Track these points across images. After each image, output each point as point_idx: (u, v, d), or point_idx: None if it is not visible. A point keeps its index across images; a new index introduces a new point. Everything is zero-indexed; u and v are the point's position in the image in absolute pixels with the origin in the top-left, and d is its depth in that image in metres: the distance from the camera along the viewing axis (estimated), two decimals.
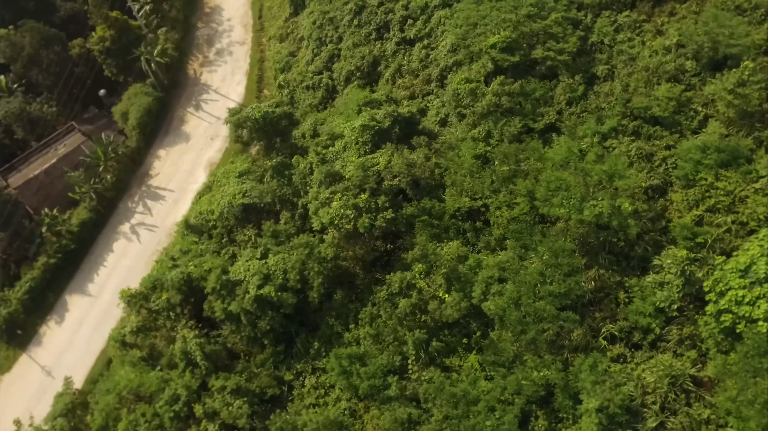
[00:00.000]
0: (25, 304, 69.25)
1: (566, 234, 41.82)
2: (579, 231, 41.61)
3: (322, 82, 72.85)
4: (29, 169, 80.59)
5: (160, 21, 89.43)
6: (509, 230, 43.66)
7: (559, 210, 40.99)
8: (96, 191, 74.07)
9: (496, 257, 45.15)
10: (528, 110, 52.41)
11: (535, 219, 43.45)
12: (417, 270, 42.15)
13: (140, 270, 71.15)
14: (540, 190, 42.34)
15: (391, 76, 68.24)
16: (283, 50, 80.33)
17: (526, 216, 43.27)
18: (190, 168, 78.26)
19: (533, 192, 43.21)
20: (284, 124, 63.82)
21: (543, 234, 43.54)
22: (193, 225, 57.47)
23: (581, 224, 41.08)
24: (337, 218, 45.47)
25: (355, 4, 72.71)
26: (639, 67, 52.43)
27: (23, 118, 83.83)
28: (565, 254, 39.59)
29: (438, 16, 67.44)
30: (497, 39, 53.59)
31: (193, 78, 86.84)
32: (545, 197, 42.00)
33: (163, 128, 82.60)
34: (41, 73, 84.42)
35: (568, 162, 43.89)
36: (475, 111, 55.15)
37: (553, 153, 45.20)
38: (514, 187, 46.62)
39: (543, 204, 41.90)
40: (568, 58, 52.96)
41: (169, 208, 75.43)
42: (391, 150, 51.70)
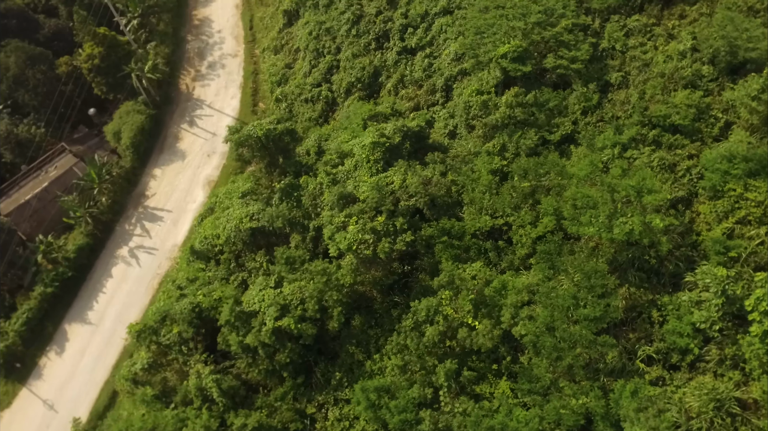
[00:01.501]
0: (23, 336, 66.63)
1: (597, 254, 40.30)
2: (610, 251, 40.09)
3: (322, 94, 70.93)
4: (20, 193, 77.79)
5: (149, 35, 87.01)
6: (537, 251, 42.02)
7: (588, 229, 39.43)
8: (91, 215, 71.56)
9: (519, 277, 43.57)
10: (542, 121, 50.88)
11: (562, 239, 41.83)
12: (444, 297, 40.41)
13: (141, 295, 68.98)
14: (566, 208, 40.76)
15: (394, 86, 66.50)
16: (278, 62, 78.24)
17: (553, 236, 41.66)
18: (188, 186, 75.98)
19: (559, 210, 41.62)
20: (287, 140, 61.76)
21: (571, 253, 42.01)
22: (198, 250, 55.31)
23: (612, 243, 39.58)
24: (355, 243, 43.61)
25: (352, 13, 70.85)
26: (654, 73, 51.02)
27: (11, 141, 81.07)
28: (597, 275, 38.04)
29: (439, 24, 65.77)
30: (508, 48, 51.94)
31: (185, 93, 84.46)
32: (572, 215, 40.43)
33: (157, 146, 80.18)
34: (28, 93, 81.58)
35: (592, 177, 42.33)
36: (486, 122, 53.58)
37: (576, 169, 43.59)
38: (536, 204, 45.05)
39: (571, 223, 40.32)
40: (581, 67, 51.45)
41: (168, 229, 73.14)
42: (404, 167, 49.93)
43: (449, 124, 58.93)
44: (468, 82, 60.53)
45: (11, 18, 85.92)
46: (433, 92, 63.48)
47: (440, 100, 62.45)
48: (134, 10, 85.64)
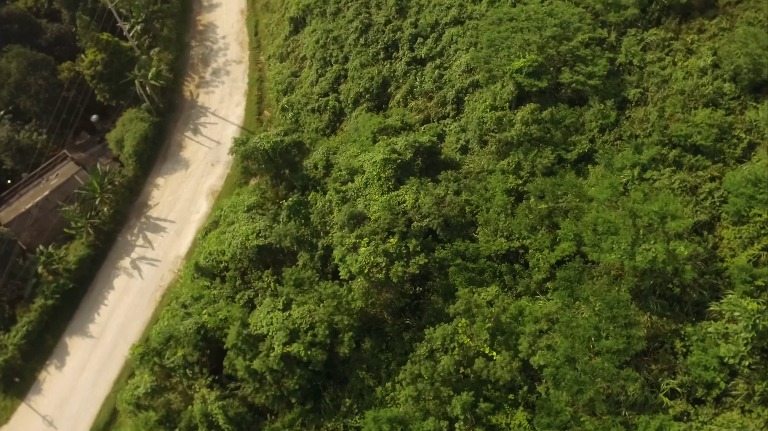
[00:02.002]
0: (23, 350, 64.90)
1: (619, 283, 38.72)
2: (633, 279, 38.48)
3: (329, 104, 69.22)
4: (20, 202, 76.04)
5: (152, 41, 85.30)
6: (556, 277, 40.41)
7: (609, 256, 37.84)
8: (93, 226, 69.87)
9: (536, 302, 41.98)
10: (558, 139, 49.25)
11: (582, 266, 40.21)
12: (461, 326, 38.77)
13: (143, 308, 67.33)
14: (587, 233, 39.16)
15: (403, 97, 64.80)
16: (284, 70, 76.50)
17: (573, 263, 40.04)
18: (191, 197, 74.28)
19: (579, 235, 40.02)
20: (294, 153, 60.15)
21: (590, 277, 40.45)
22: (203, 267, 53.65)
23: (634, 270, 38.00)
24: (367, 266, 41.99)
25: (360, 22, 69.14)
26: (673, 90, 49.40)
27: (12, 148, 79.30)
28: (620, 305, 36.45)
29: (449, 34, 64.12)
30: (523, 63, 50.33)
31: (189, 100, 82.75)
32: (593, 242, 38.84)
33: (160, 154, 78.48)
34: (29, 99, 79.81)
35: (612, 200, 40.73)
36: (499, 138, 51.97)
37: (596, 191, 41.96)
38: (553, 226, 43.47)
39: (592, 249, 38.72)
40: (598, 83, 49.81)
41: (171, 240, 71.45)
42: (416, 185, 48.31)
43: (461, 138, 57.28)
44: (480, 94, 58.93)
45: (13, 23, 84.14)
46: (443, 104, 61.82)
47: (451, 113, 60.79)
48: (138, 15, 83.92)
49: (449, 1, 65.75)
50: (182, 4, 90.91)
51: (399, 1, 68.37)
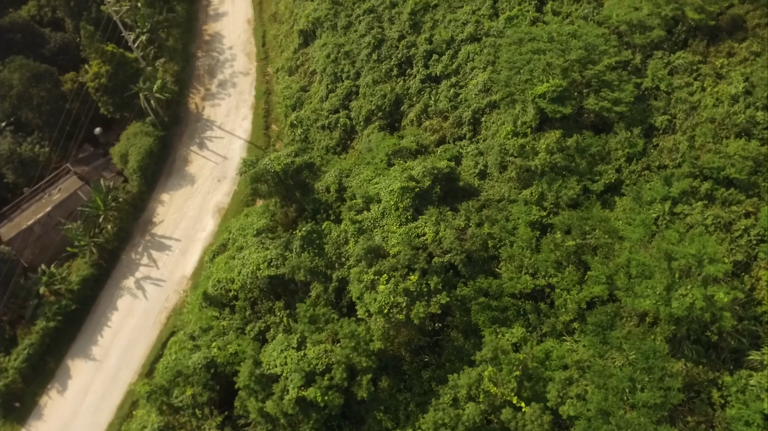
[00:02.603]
0: (23, 373, 62.72)
1: (655, 331, 36.56)
2: (669, 328, 36.29)
3: (340, 121, 66.92)
4: (22, 217, 73.74)
5: (158, 51, 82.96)
6: (587, 323, 38.22)
7: (644, 302, 35.66)
8: (96, 244, 67.61)
9: (563, 345, 39.80)
10: (583, 168, 46.99)
11: (615, 311, 38.02)
12: (487, 374, 36.59)
13: (148, 330, 65.15)
14: (620, 277, 36.98)
15: (417, 116, 62.52)
16: (293, 84, 74.17)
17: (605, 308, 37.85)
18: (197, 214, 72.00)
19: (611, 277, 37.85)
20: (305, 175, 57.94)
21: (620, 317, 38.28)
22: (211, 296, 51.42)
23: (670, 318, 35.82)
24: (387, 306, 39.79)
25: (373, 37, 66.81)
26: (703, 118, 47.13)
27: (13, 160, 76.99)
28: (656, 356, 34.30)
29: (465, 51, 61.82)
30: (546, 88, 48.04)
31: (195, 113, 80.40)
32: (626, 286, 36.67)
33: (165, 169, 76.15)
34: (32, 111, 77.50)
35: (647, 240, 38.54)
36: (520, 165, 49.79)
37: (629, 231, 39.73)
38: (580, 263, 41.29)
39: (625, 294, 36.53)
40: (625, 110, 47.56)
41: (176, 259, 69.20)
42: (435, 215, 46.06)
43: (479, 162, 55.01)
44: (497, 115, 56.66)
45: (16, 32, 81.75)
46: (459, 125, 59.58)
47: (467, 134, 58.53)
48: (143, 25, 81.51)
49: (465, 17, 63.47)
50: (188, 13, 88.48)
51: (413, 16, 66.08)
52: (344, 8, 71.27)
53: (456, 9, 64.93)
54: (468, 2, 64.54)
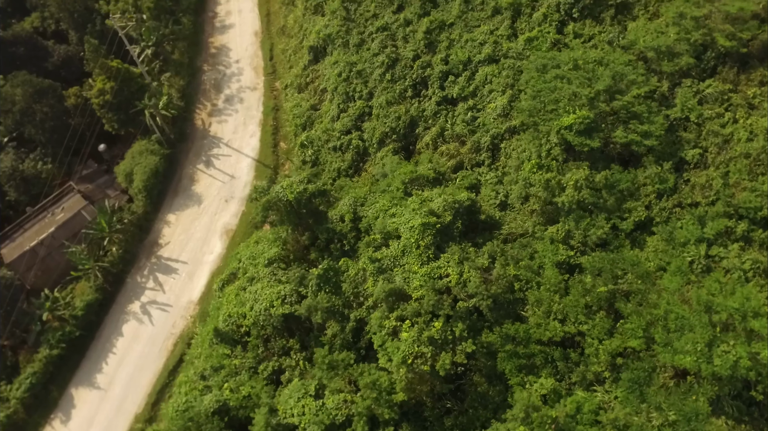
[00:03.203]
0: (26, 403, 60.64)
1: (697, 391, 34.49)
2: (712, 388, 34.22)
3: (352, 143, 64.66)
4: (24, 238, 71.55)
5: (163, 65, 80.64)
6: (622, 378, 36.13)
7: (684, 358, 33.60)
8: (101, 269, 65.43)
9: (595, 397, 37.74)
10: (612, 205, 44.83)
11: (651, 367, 35.92)
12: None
13: (154, 357, 63.06)
14: (657, 331, 34.93)
15: (432, 140, 60.27)
16: (303, 102, 71.88)
17: (641, 364, 35.74)
18: (204, 235, 69.84)
19: (647, 329, 35.78)
20: (318, 202, 55.85)
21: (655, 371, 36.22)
22: (222, 332, 49.27)
23: (713, 377, 33.75)
24: (411, 356, 37.73)
25: (387, 56, 64.48)
26: (737, 153, 44.96)
27: (16, 178, 74.78)
28: (699, 419, 32.28)
29: (483, 73, 59.56)
30: (573, 119, 45.87)
31: (201, 129, 78.15)
32: (665, 340, 34.60)
33: (171, 188, 73.91)
34: (35, 127, 75.25)
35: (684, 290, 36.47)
36: (543, 198, 47.68)
37: (666, 280, 37.62)
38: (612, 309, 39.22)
39: (664, 350, 34.47)
40: (655, 143, 45.38)
41: (183, 283, 67.06)
42: (458, 253, 43.87)
43: (499, 192, 52.87)
44: (518, 143, 54.46)
45: (19, 45, 79.35)
46: (477, 150, 57.38)
47: (486, 161, 56.34)
48: (148, 38, 79.14)
49: (482, 37, 61.17)
50: (194, 25, 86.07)
51: (428, 35, 63.77)
52: (356, 25, 68.94)
53: (473, 28, 62.64)
54: (485, 21, 62.27)
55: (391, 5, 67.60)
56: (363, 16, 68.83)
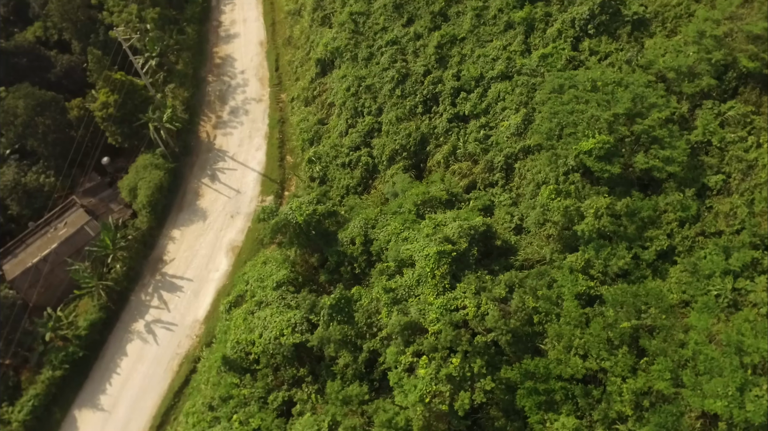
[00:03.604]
0: (28, 426, 59.25)
1: None
2: None
3: (361, 160, 63.18)
4: (27, 253, 70.03)
5: (167, 76, 79.12)
6: (650, 422, 34.72)
7: (715, 403, 32.23)
8: (105, 288, 64.01)
9: None
10: (632, 233, 43.36)
11: (680, 410, 34.50)
12: None
13: (159, 378, 61.65)
14: (686, 374, 33.52)
15: (444, 158, 58.88)
16: (310, 117, 70.40)
17: (669, 407, 34.33)
18: (210, 252, 68.37)
19: (675, 371, 34.38)
20: (328, 224, 54.45)
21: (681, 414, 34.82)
22: (231, 360, 47.87)
23: (745, 423, 32.37)
24: (428, 395, 36.35)
25: (397, 71, 62.96)
26: (762, 179, 43.42)
27: (18, 191, 73.25)
28: None
29: (496, 90, 58.11)
30: (593, 144, 44.42)
31: (206, 142, 76.64)
32: (694, 383, 33.21)
33: (176, 203, 72.41)
34: (37, 140, 73.76)
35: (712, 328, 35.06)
36: (559, 223, 46.22)
37: (693, 318, 36.18)
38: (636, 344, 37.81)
39: (693, 393, 33.06)
40: (678, 170, 43.92)
41: (189, 301, 65.61)
42: (475, 284, 42.41)
43: (514, 215, 51.48)
44: (532, 163, 53.07)
45: (21, 56, 77.80)
46: (490, 170, 55.96)
47: (500, 181, 54.95)
48: (152, 49, 77.63)
49: (495, 53, 59.68)
50: (198, 35, 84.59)
51: (439, 50, 62.25)
52: (365, 38, 67.41)
53: (485, 43, 61.15)
54: (498, 36, 60.78)
55: (401, 18, 66.08)
56: (372, 29, 67.30)
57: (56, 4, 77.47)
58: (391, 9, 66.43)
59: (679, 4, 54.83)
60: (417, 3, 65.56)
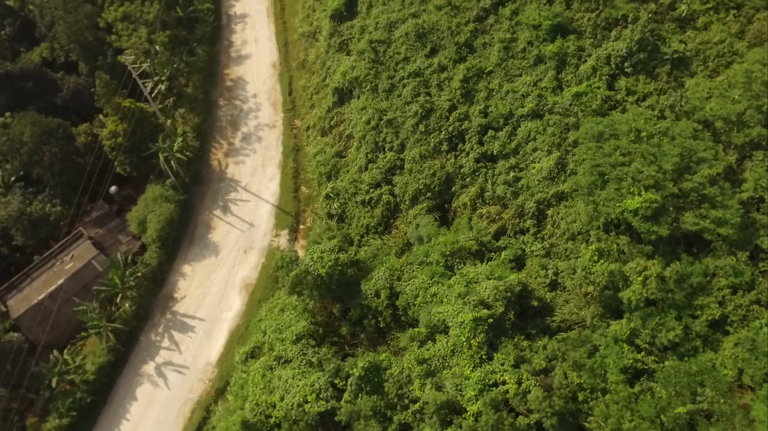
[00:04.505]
0: None
1: None
2: None
3: (382, 198, 60.04)
4: (32, 288, 67.17)
5: (177, 99, 76.02)
6: None
7: None
8: (114, 330, 61.09)
9: None
10: (681, 301, 40.34)
11: None
12: None
13: (170, 424, 58.85)
14: None
15: (471, 200, 55.86)
16: (327, 149, 67.20)
17: None
18: (222, 290, 65.39)
19: None
20: (350, 273, 51.48)
21: None
22: (251, 424, 44.97)
23: None
24: None
25: (420, 106, 59.80)
26: None
27: (23, 221, 70.26)
28: None
29: (526, 129, 55.02)
30: (639, 203, 41.37)
31: (217, 171, 73.55)
32: None
33: (186, 236, 69.38)
34: (43, 169, 70.77)
35: None
36: (598, 282, 43.18)
37: (757, 409, 33.29)
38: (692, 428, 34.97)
39: None
40: (731, 232, 40.90)
41: (201, 343, 62.69)
42: (513, 353, 39.46)
43: (548, 268, 48.45)
44: (566, 210, 50.17)
45: (27, 80, 74.68)
46: (521, 215, 52.92)
47: (531, 228, 51.93)
48: (162, 72, 74.47)
49: (525, 89, 56.53)
50: (209, 56, 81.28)
51: (465, 84, 59.07)
52: (386, 68, 64.20)
53: (514, 78, 58.01)
54: (527, 71, 57.64)
55: (423, 48, 62.88)
56: (393, 58, 64.11)
57: (63, 26, 74.20)
58: (414, 38, 63.22)
59: (722, 42, 51.74)
60: (440, 32, 62.34)
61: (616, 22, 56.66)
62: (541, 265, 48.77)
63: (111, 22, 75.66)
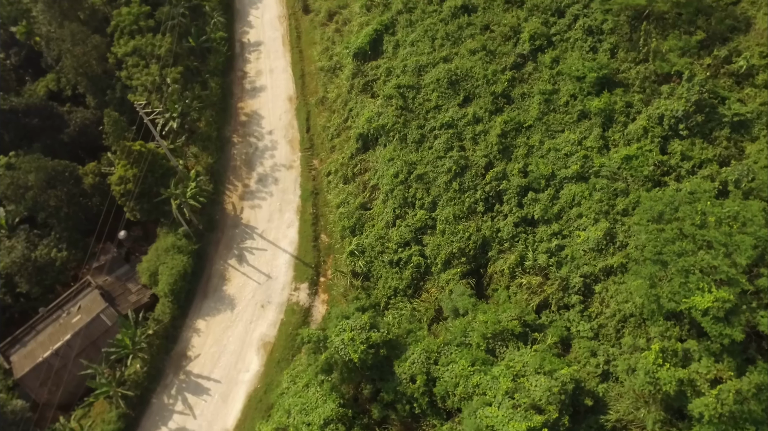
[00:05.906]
0: None
1: None
2: None
3: (412, 260, 55.63)
4: (37, 343, 62.98)
5: (189, 136, 71.66)
6: None
7: None
8: (124, 397, 57.02)
9: None
10: (759, 416, 36.21)
11: None
12: None
13: None
14: None
15: (510, 268, 51.68)
16: (350, 199, 62.77)
17: None
18: (239, 348, 61.19)
19: None
20: (383, 352, 47.38)
21: None
22: None
23: None
24: None
25: (455, 162, 55.45)
26: None
27: (27, 268, 65.98)
28: None
29: (570, 192, 50.85)
30: (710, 302, 37.25)
31: (232, 216, 69.20)
32: None
33: (200, 288, 65.10)
34: (49, 215, 66.56)
35: None
36: (666, 391, 39.01)
37: None
38: None
39: None
40: None
41: (216, 407, 58.49)
42: None
43: (598, 355, 44.40)
44: (616, 288, 46.09)
45: (33, 116, 70.21)
46: (565, 289, 48.73)
47: (577, 305, 47.81)
48: (173, 109, 70.03)
49: (568, 148, 52.26)
50: (222, 88, 76.84)
51: (502, 138, 54.82)
52: (415, 116, 59.79)
53: (556, 134, 53.76)
54: (570, 127, 53.40)
55: (456, 96, 58.49)
56: (423, 106, 59.70)
57: (71, 59, 69.61)
58: (446, 85, 58.79)
59: None
60: (475, 80, 57.97)
61: (668, 77, 52.38)
62: (590, 350, 44.70)
63: (121, 57, 71.01)
